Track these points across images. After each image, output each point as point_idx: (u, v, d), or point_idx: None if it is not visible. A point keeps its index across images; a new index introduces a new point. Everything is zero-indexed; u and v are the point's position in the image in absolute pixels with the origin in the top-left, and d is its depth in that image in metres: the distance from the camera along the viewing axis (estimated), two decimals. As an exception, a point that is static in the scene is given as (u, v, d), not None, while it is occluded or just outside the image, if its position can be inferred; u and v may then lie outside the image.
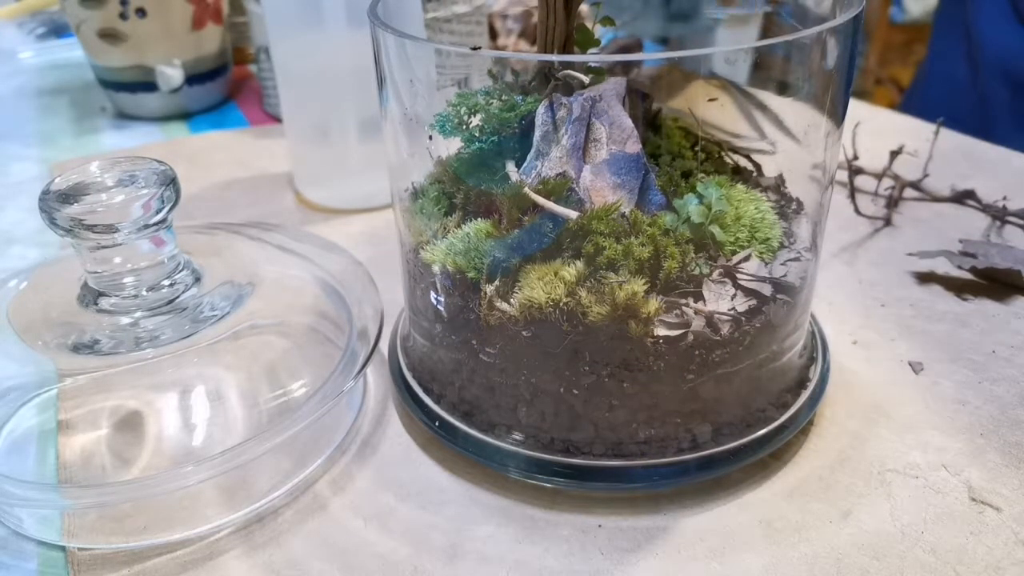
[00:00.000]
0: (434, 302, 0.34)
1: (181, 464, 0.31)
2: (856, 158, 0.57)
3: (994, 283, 0.46)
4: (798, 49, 0.30)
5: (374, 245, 0.49)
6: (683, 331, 0.30)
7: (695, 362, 0.30)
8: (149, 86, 0.77)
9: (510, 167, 0.31)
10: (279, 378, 0.37)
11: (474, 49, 0.29)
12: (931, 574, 0.29)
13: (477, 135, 0.32)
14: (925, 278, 0.47)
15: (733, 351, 0.31)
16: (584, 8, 0.33)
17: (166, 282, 0.36)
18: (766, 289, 0.31)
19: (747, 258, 0.31)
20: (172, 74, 0.76)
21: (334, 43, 0.52)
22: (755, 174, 0.36)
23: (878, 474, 0.34)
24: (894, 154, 0.56)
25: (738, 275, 0.31)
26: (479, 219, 0.32)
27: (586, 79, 0.33)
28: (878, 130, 0.65)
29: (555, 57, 0.32)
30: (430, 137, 0.33)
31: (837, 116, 0.32)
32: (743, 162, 0.36)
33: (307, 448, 0.35)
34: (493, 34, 0.75)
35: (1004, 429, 0.36)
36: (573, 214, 0.30)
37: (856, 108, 0.72)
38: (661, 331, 0.30)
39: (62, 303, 0.36)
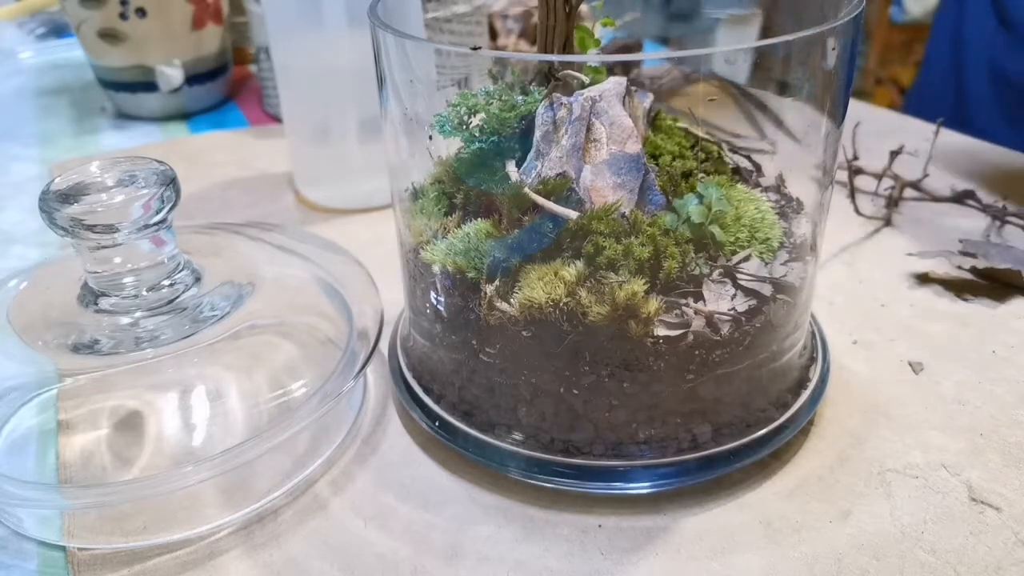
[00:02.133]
0: (434, 302, 0.34)
1: (181, 464, 0.32)
2: (856, 158, 0.57)
3: (994, 283, 0.46)
4: (798, 49, 0.30)
5: (374, 245, 0.49)
6: (683, 331, 0.30)
7: (695, 362, 0.30)
8: (149, 86, 0.77)
9: (510, 167, 0.31)
10: (279, 378, 0.37)
11: (474, 49, 0.29)
12: (931, 574, 0.29)
13: (477, 135, 0.32)
14: (925, 278, 0.47)
15: (733, 351, 0.31)
16: (584, 8, 0.33)
17: (166, 282, 0.36)
18: (766, 289, 0.31)
19: (747, 258, 0.31)
20: (172, 74, 0.76)
21: (334, 43, 0.52)
22: (755, 174, 0.36)
23: (878, 474, 0.34)
24: (894, 154, 0.56)
25: (738, 275, 0.31)
26: (479, 219, 0.32)
27: (586, 79, 0.33)
28: (878, 130, 0.65)
29: (555, 57, 0.32)
30: (430, 137, 0.33)
31: (837, 116, 0.32)
32: (743, 162, 0.36)
33: (307, 448, 0.35)
34: (493, 34, 0.75)
35: (1004, 429, 0.36)
36: (573, 214, 0.30)
37: (856, 108, 0.72)
38: (661, 331, 0.30)
39: (62, 303, 0.36)
